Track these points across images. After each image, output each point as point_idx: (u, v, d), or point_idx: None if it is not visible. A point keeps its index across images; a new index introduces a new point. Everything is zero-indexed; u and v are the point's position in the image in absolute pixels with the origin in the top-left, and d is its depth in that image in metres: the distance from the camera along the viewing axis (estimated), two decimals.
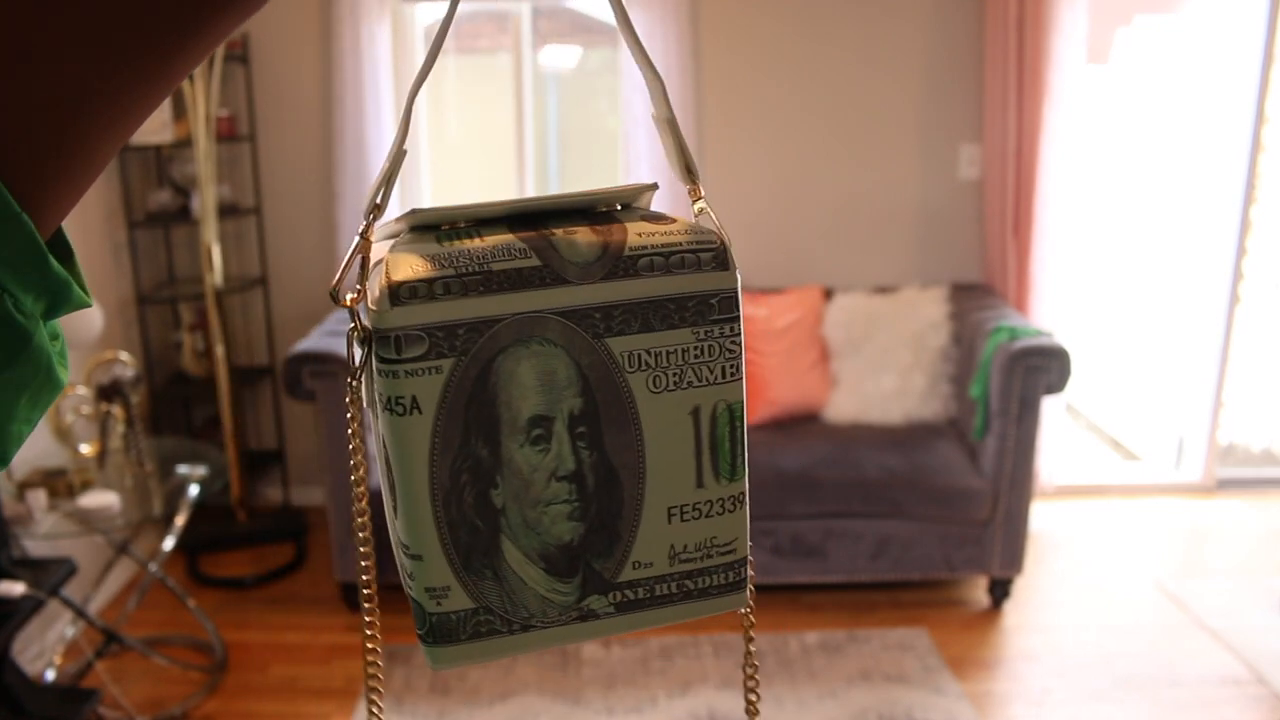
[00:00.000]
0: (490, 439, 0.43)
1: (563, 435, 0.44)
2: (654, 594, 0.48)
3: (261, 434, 3.80)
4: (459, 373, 0.42)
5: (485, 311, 0.42)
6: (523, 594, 0.46)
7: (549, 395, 0.44)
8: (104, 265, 3.31)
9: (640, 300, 0.44)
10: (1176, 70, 4.33)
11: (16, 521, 2.48)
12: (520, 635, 0.46)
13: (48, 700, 2.27)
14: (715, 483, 0.47)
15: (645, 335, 0.45)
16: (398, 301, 0.42)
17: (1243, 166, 3.64)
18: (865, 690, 2.69)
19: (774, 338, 3.28)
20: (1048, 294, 3.55)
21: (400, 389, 0.42)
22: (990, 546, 3.00)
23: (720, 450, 0.47)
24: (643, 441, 0.45)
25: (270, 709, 2.67)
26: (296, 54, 3.51)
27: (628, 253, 0.44)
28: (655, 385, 0.45)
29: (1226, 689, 2.70)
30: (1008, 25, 3.36)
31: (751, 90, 3.56)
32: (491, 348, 0.43)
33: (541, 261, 0.43)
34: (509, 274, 0.43)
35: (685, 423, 0.46)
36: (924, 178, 3.63)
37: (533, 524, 0.45)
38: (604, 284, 0.44)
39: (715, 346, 0.46)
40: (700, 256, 0.45)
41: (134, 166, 3.46)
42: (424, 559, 0.45)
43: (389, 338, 0.42)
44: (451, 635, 0.46)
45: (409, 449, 0.43)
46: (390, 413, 0.43)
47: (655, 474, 0.46)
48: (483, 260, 0.43)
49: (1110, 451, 4.49)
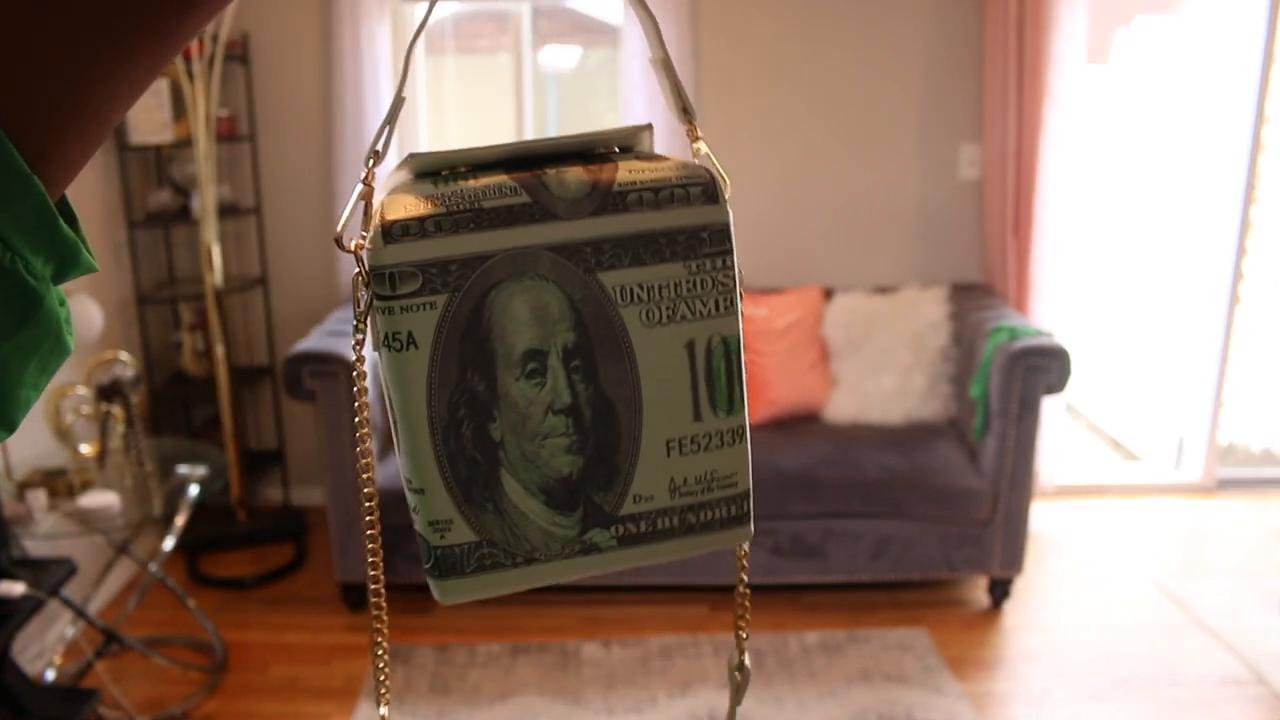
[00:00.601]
0: (486, 373, 0.44)
1: (557, 368, 0.45)
2: (655, 527, 0.48)
3: (261, 434, 3.80)
4: (453, 308, 0.44)
5: (477, 247, 0.43)
6: (524, 527, 0.46)
7: (542, 329, 0.45)
8: (104, 265, 3.31)
9: (630, 234, 0.45)
10: (1176, 70, 4.33)
11: (16, 521, 2.48)
12: (524, 568, 0.47)
13: (48, 700, 2.27)
14: (713, 416, 0.48)
15: (637, 269, 0.45)
16: (390, 239, 0.43)
17: (1243, 166, 3.64)
18: (865, 690, 2.69)
19: (774, 338, 3.28)
20: (1048, 294, 3.55)
21: (397, 325, 0.43)
22: (990, 546, 3.00)
23: (717, 383, 0.47)
24: (638, 374, 0.46)
25: (270, 709, 2.67)
26: (296, 54, 3.51)
27: (617, 188, 0.45)
28: (649, 319, 0.46)
29: (1226, 689, 2.70)
30: (1008, 25, 3.36)
31: (751, 90, 3.56)
32: (484, 283, 0.44)
33: (531, 198, 0.44)
34: (500, 211, 0.44)
35: (680, 356, 0.47)
36: (924, 178, 3.63)
37: (531, 457, 0.46)
38: (594, 219, 0.45)
39: (708, 280, 0.46)
40: (690, 191, 0.46)
41: (134, 166, 3.46)
42: (426, 492, 0.46)
43: (384, 274, 0.43)
44: (456, 568, 0.47)
45: (408, 384, 0.44)
46: (388, 349, 0.44)
47: (652, 407, 0.47)
48: (474, 198, 0.44)
49: (1110, 451, 4.49)
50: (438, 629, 3.01)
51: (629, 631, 2.98)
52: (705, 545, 0.49)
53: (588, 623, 3.03)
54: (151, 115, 3.24)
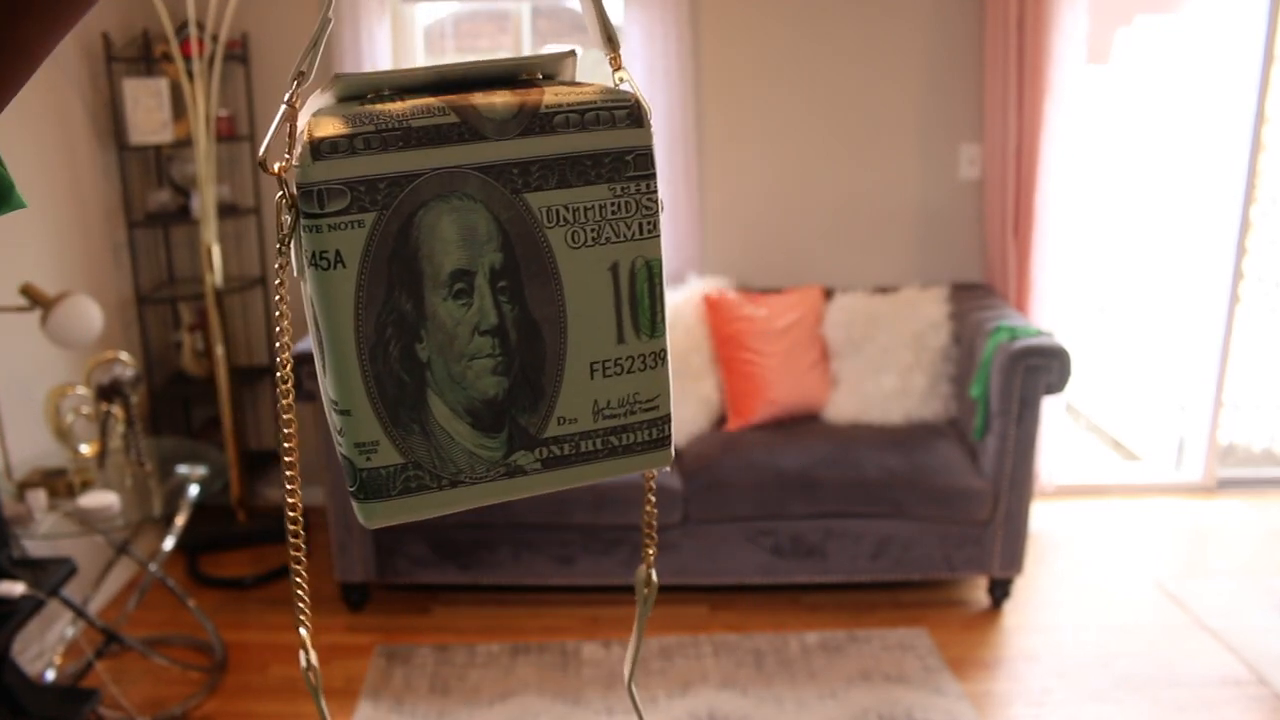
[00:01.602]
0: (413, 293, 0.44)
1: (484, 289, 0.45)
2: (579, 450, 0.48)
3: (261, 434, 3.79)
4: (381, 227, 0.43)
5: (405, 166, 0.43)
6: (450, 449, 0.46)
7: (470, 250, 0.45)
8: (104, 265, 3.31)
9: (557, 156, 0.45)
10: (1177, 70, 4.33)
11: (16, 521, 2.48)
12: (450, 491, 0.47)
13: (48, 700, 2.27)
14: (636, 338, 0.48)
15: (563, 191, 0.45)
16: (319, 156, 0.43)
17: (1243, 166, 3.64)
18: (865, 690, 2.69)
19: (774, 338, 3.28)
20: (1048, 294, 3.55)
21: (324, 243, 0.44)
22: (990, 546, 3.00)
23: (640, 306, 0.48)
24: (563, 296, 0.46)
25: (270, 709, 2.67)
26: (296, 54, 3.49)
27: (544, 110, 0.45)
28: (574, 240, 0.46)
29: (1227, 689, 2.70)
30: (1008, 25, 3.36)
31: (751, 90, 3.56)
32: (412, 202, 0.43)
33: (460, 119, 0.44)
34: (428, 130, 0.44)
35: (605, 278, 0.47)
36: (924, 178, 3.63)
37: (458, 378, 0.46)
38: (521, 140, 0.45)
39: (632, 203, 0.47)
40: (615, 114, 0.47)
41: (134, 166, 3.45)
42: (352, 413, 0.46)
43: (311, 192, 0.43)
44: (381, 490, 0.47)
45: (334, 303, 0.45)
46: (315, 267, 0.44)
47: (576, 328, 0.47)
48: (402, 118, 0.44)
49: (1110, 451, 4.49)
50: (438, 629, 3.01)
51: (629, 632, 2.98)
52: (628, 468, 0.49)
53: (588, 623, 3.03)
54: (151, 115, 3.23)
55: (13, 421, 2.79)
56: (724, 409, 3.31)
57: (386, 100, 0.45)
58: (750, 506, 2.96)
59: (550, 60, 0.50)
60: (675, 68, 3.41)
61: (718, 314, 3.31)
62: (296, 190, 0.43)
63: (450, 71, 0.47)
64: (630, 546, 2.99)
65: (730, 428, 3.24)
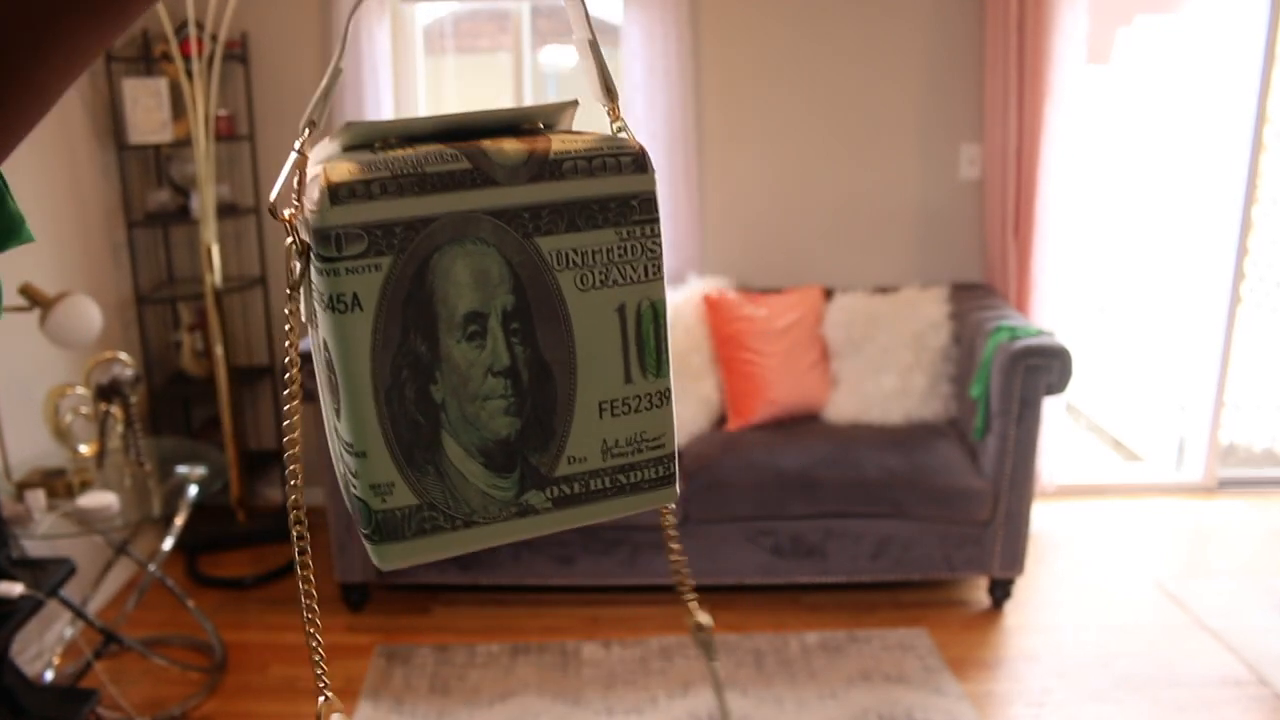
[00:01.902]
0: (428, 335, 0.45)
1: (497, 331, 0.46)
2: (589, 489, 0.50)
3: (261, 434, 3.79)
4: (397, 270, 0.44)
5: (421, 210, 0.44)
6: (464, 490, 0.47)
7: (483, 292, 0.46)
8: (103, 265, 3.30)
9: (566, 201, 0.47)
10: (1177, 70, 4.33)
11: (15, 522, 2.47)
12: (464, 531, 0.48)
13: (47, 701, 2.27)
14: (643, 378, 0.50)
15: (572, 235, 0.47)
16: (337, 200, 0.43)
17: (1243, 166, 3.63)
18: (866, 691, 2.69)
19: (774, 338, 3.28)
20: (1048, 294, 3.55)
21: (341, 286, 0.44)
22: (991, 547, 3.00)
23: (646, 347, 0.49)
24: (573, 338, 0.48)
25: (270, 709, 2.67)
26: (296, 54, 3.50)
27: (552, 156, 0.47)
28: (583, 283, 0.48)
29: (1227, 689, 2.70)
30: (1008, 25, 3.36)
31: (751, 90, 3.56)
32: (428, 246, 0.45)
33: (472, 165, 0.46)
34: (442, 175, 0.45)
35: (612, 319, 0.48)
36: (924, 178, 3.63)
37: (471, 419, 0.47)
38: (531, 185, 0.46)
39: (638, 246, 0.49)
40: (620, 160, 0.48)
41: (133, 166, 3.45)
42: (368, 455, 0.46)
43: (330, 235, 0.43)
44: (397, 532, 0.47)
45: (351, 346, 0.45)
46: (332, 311, 0.44)
47: (586, 369, 0.48)
48: (417, 163, 0.45)
49: (1111, 452, 4.49)
50: (438, 629, 3.01)
51: (629, 632, 2.98)
52: (635, 506, 0.51)
53: (588, 623, 3.03)
54: (151, 115, 3.23)
55: (12, 421, 2.78)
56: (724, 409, 3.31)
57: (394, 148, 0.47)
58: (750, 506, 2.95)
59: (552, 110, 0.51)
60: (675, 68, 3.41)
61: (718, 314, 3.31)
62: (314, 234, 0.44)
63: (455, 121, 0.48)
64: (630, 546, 2.99)
65: (730, 428, 3.24)
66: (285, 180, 0.46)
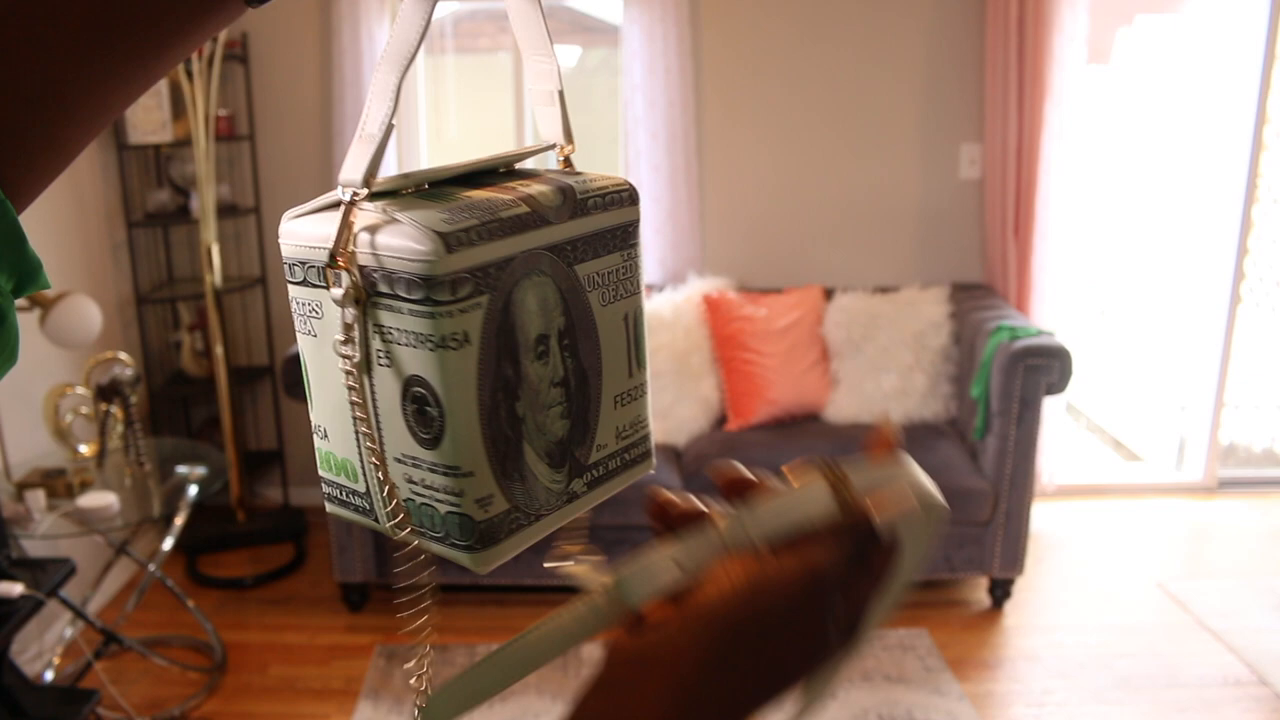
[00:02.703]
0: (513, 359, 0.52)
1: (555, 348, 0.54)
2: (608, 469, 0.59)
3: (261, 434, 3.79)
4: (492, 305, 0.50)
5: (505, 253, 0.51)
6: (535, 488, 0.55)
7: (545, 317, 0.53)
8: (103, 265, 3.30)
9: (592, 232, 0.56)
10: (1177, 70, 4.33)
11: (15, 522, 2.47)
12: (535, 524, 0.55)
13: (46, 701, 2.27)
14: (638, 372, 0.60)
15: (596, 260, 0.56)
16: (451, 249, 0.48)
17: (1244, 166, 3.63)
18: (866, 691, 2.69)
19: (774, 338, 3.28)
20: (1048, 294, 3.54)
21: (454, 326, 0.49)
22: (991, 547, 3.00)
23: (640, 346, 0.59)
24: (599, 346, 0.57)
25: (269, 709, 2.67)
26: (296, 54, 3.50)
27: (579, 196, 0.56)
28: (604, 300, 0.57)
29: (1228, 690, 2.70)
30: (1008, 25, 3.36)
31: (751, 90, 3.56)
32: (509, 281, 0.51)
33: (530, 209, 0.53)
34: (513, 220, 0.52)
35: (621, 327, 0.58)
36: (924, 178, 3.63)
37: (541, 426, 0.54)
38: (571, 222, 0.55)
39: (633, 265, 0.58)
40: (622, 195, 0.57)
41: (133, 166, 3.45)
42: (475, 474, 0.52)
43: (445, 282, 0.49)
44: (495, 538, 0.54)
45: (461, 379, 0.50)
46: (444, 349, 0.50)
47: (608, 371, 0.57)
48: (491, 210, 0.51)
49: (1111, 452, 4.49)
50: (438, 629, 3.01)
51: None
52: (631, 478, 0.60)
53: None
54: (150, 115, 3.23)
55: (12, 421, 2.78)
56: (724, 409, 3.31)
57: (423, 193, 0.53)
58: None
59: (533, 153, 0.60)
60: (675, 67, 3.41)
61: (718, 314, 3.31)
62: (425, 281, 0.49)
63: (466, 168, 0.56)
64: (630, 546, 2.99)
65: (730, 428, 3.24)
66: (344, 227, 0.49)
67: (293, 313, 0.56)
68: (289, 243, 0.53)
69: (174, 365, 3.64)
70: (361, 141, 0.51)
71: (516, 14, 0.57)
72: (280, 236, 0.54)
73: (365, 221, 0.50)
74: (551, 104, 0.60)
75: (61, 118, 0.39)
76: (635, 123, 3.47)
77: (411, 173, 0.54)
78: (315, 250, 0.52)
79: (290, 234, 0.53)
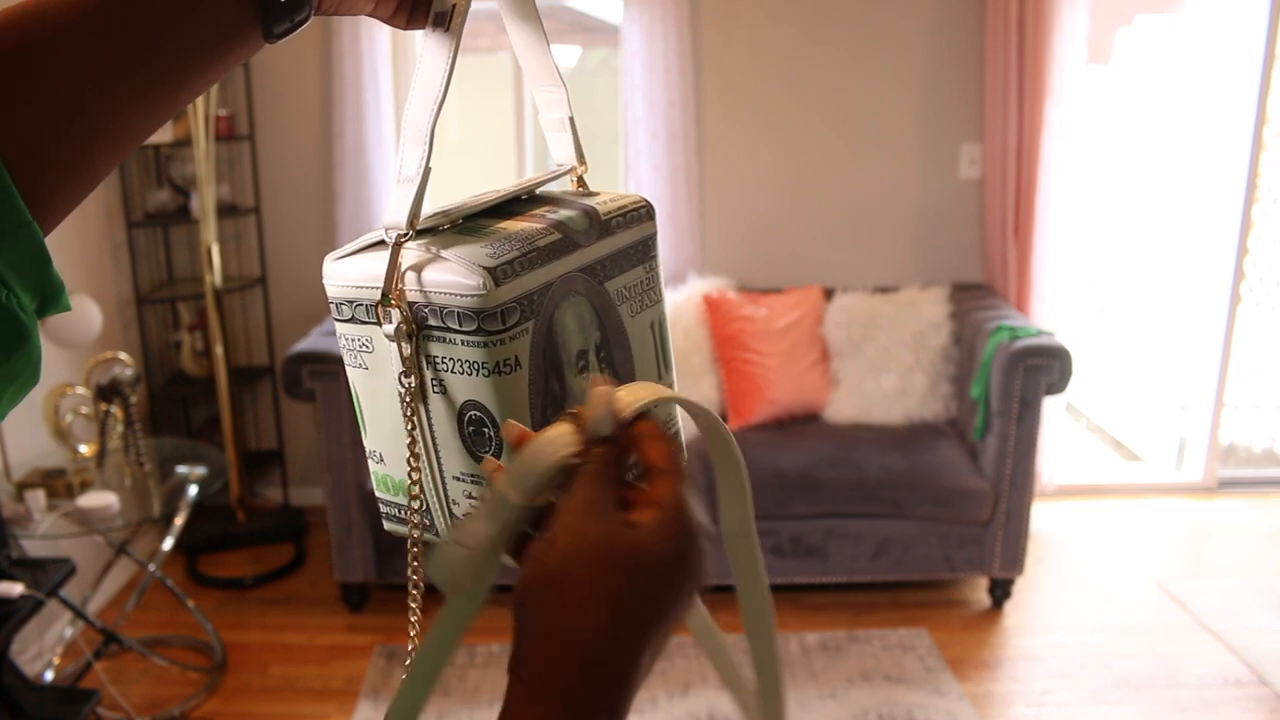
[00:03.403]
0: (558, 376, 0.55)
1: (594, 361, 0.58)
2: None
3: (261, 434, 3.79)
4: (537, 329, 0.53)
5: (545, 279, 0.54)
6: None
7: (584, 334, 0.57)
8: (103, 265, 3.30)
9: (618, 250, 0.59)
10: (1178, 70, 4.33)
11: (15, 522, 2.47)
12: None
13: (46, 701, 2.27)
14: (666, 374, 0.64)
15: (623, 275, 0.60)
16: (499, 282, 0.51)
17: (1244, 166, 3.63)
18: (866, 691, 2.69)
19: (774, 338, 3.28)
20: (1048, 294, 3.54)
21: (507, 353, 0.52)
22: (991, 547, 3.00)
23: (666, 349, 0.63)
24: (631, 354, 0.60)
25: (270, 710, 2.67)
26: (296, 54, 3.50)
27: (604, 218, 0.59)
28: (633, 311, 0.60)
29: (1228, 690, 2.70)
30: (1008, 25, 3.36)
31: (751, 90, 3.56)
32: (550, 305, 0.54)
33: (562, 235, 0.56)
34: (549, 248, 0.54)
35: (648, 335, 0.62)
36: (924, 177, 3.63)
37: None
38: (599, 243, 0.58)
39: (654, 276, 0.62)
40: (641, 212, 0.61)
41: (133, 166, 3.45)
42: None
43: (497, 313, 0.51)
44: None
45: (516, 400, 0.53)
46: (498, 374, 0.52)
47: (640, 375, 0.61)
48: (529, 240, 0.54)
49: (1111, 452, 4.49)
50: None
51: None
52: None
53: None
54: None
55: (12, 421, 2.78)
56: (724, 409, 3.31)
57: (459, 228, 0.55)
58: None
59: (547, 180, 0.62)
60: (675, 67, 3.41)
61: (718, 314, 3.31)
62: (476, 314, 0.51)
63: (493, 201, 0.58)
64: None
65: (730, 428, 3.23)
66: (392, 266, 0.52)
67: (340, 348, 0.58)
68: (335, 284, 0.56)
69: (174, 365, 3.64)
70: (401, 184, 0.54)
71: (522, 45, 0.60)
72: (325, 278, 0.56)
73: (410, 260, 0.53)
74: (563, 130, 0.63)
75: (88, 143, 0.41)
76: (635, 123, 3.47)
77: (448, 209, 0.56)
78: (363, 290, 0.54)
79: (336, 275, 0.55)
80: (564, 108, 0.63)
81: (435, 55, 0.54)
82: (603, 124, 3.77)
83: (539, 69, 0.61)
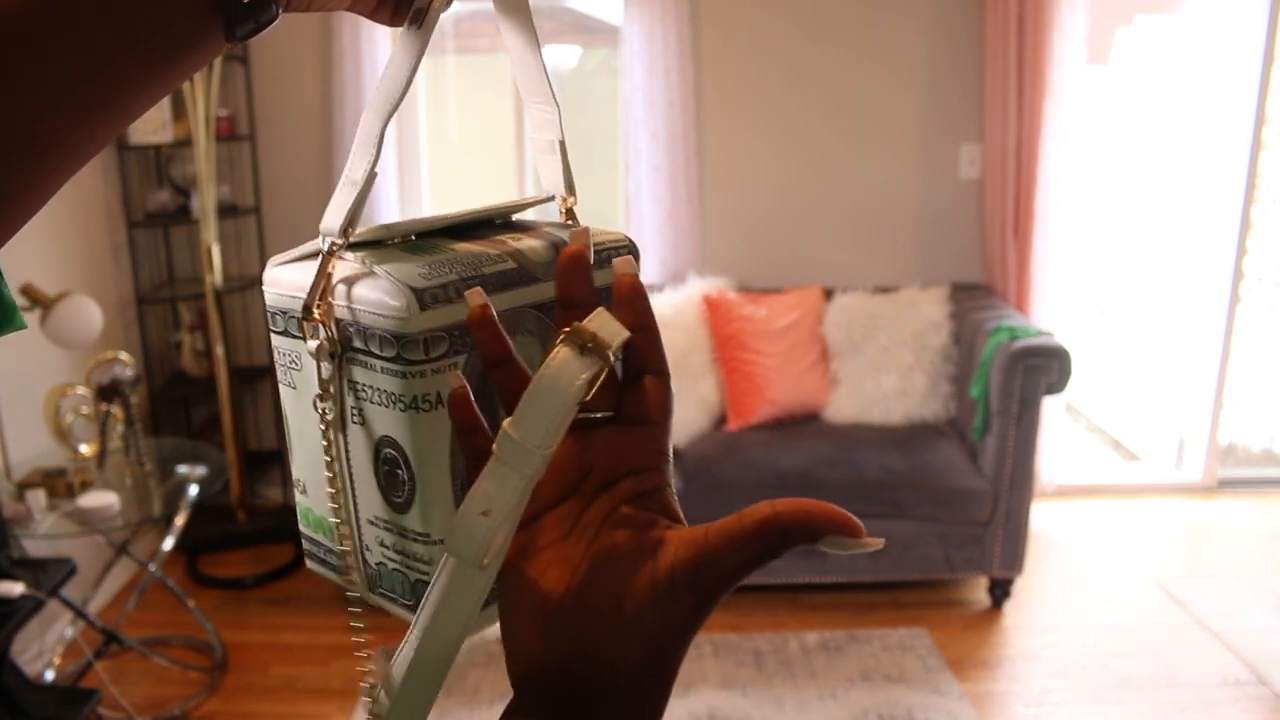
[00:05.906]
0: (494, 423, 0.48)
1: None
2: None
3: (261, 434, 3.79)
4: (471, 366, 0.46)
5: None
6: None
7: None
8: (104, 265, 3.31)
9: None
10: (1177, 70, 4.33)
11: (16, 521, 2.47)
12: None
13: (47, 700, 2.27)
14: None
15: None
16: (425, 306, 0.45)
17: (1243, 166, 3.64)
18: (866, 691, 2.69)
19: (774, 338, 3.28)
20: (1048, 294, 3.55)
21: (428, 387, 0.45)
22: (990, 547, 3.00)
23: None
24: None
25: (270, 709, 2.67)
26: (296, 54, 3.51)
27: None
28: None
29: (1227, 690, 2.70)
30: (1008, 25, 3.36)
31: (751, 90, 3.56)
32: None
33: (517, 265, 0.49)
34: (498, 276, 0.48)
35: None
36: (924, 178, 3.63)
37: None
38: None
39: None
40: (620, 251, 0.54)
41: (134, 166, 3.45)
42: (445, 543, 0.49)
43: (419, 341, 0.45)
44: None
45: (434, 442, 0.46)
46: (415, 410, 0.46)
47: None
48: (475, 265, 0.48)
49: (1111, 452, 4.49)
50: None
51: None
52: None
53: None
54: (151, 115, 3.23)
55: (12, 421, 2.78)
56: (724, 409, 3.31)
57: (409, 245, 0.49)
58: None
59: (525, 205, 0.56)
60: (675, 67, 3.41)
61: (718, 314, 3.31)
62: (396, 339, 0.45)
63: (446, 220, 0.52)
64: None
65: (730, 428, 3.24)
66: (319, 278, 0.46)
67: (274, 363, 0.53)
68: (272, 290, 0.50)
69: (174, 365, 3.64)
70: (344, 188, 0.48)
71: (518, 61, 0.55)
72: (264, 284, 0.51)
73: (344, 272, 0.47)
74: (552, 153, 0.57)
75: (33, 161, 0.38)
76: (635, 123, 3.47)
77: (395, 223, 0.50)
78: (294, 300, 0.48)
79: (273, 281, 0.50)
80: (555, 129, 0.57)
81: (404, 54, 0.50)
82: (603, 124, 3.77)
83: (531, 84, 0.56)
